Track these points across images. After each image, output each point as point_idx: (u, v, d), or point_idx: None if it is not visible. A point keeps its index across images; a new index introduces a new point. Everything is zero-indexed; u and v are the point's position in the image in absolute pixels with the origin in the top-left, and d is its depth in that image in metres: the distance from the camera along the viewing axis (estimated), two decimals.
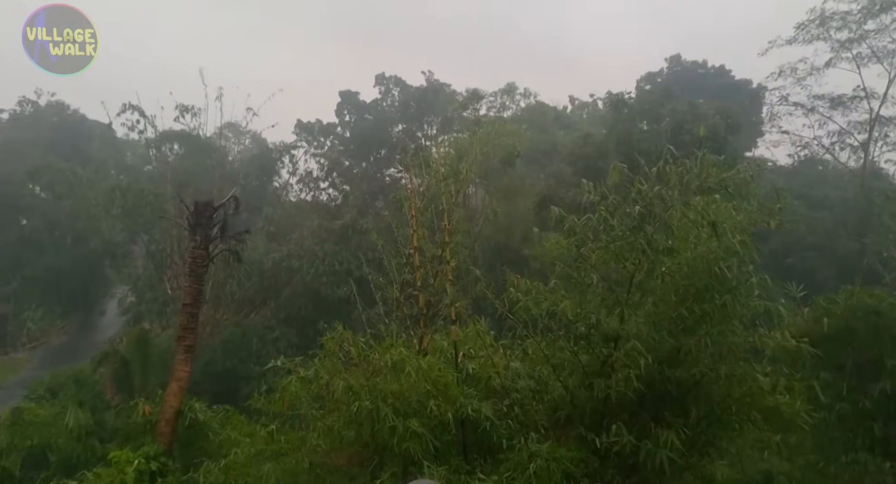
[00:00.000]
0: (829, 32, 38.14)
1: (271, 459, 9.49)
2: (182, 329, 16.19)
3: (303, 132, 50.91)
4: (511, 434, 7.83)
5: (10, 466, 15.74)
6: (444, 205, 12.42)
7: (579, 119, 60.72)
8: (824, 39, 38.47)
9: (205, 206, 16.67)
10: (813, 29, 38.33)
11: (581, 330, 7.41)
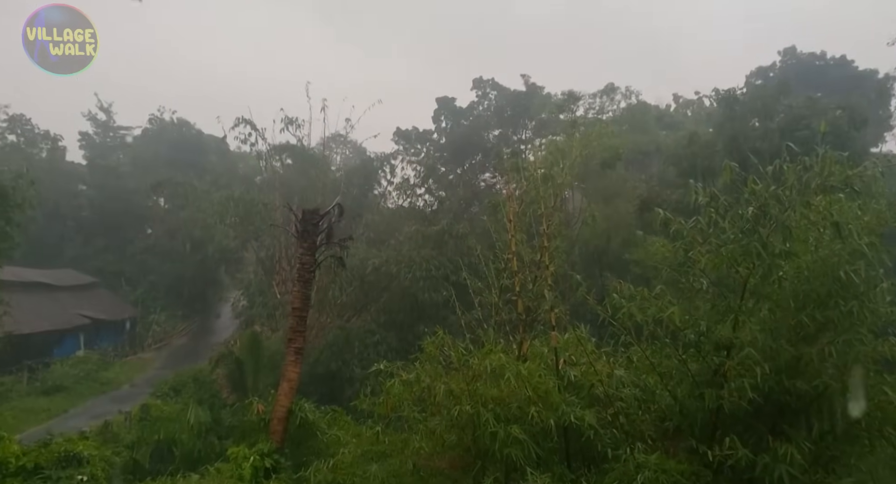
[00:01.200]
0: None
1: (377, 459, 9.78)
2: (292, 332, 17.02)
3: (401, 140, 52.18)
4: (616, 444, 7.63)
5: (141, 458, 17.00)
6: (542, 209, 12.32)
7: (684, 118, 58.28)
8: None
9: (311, 215, 17.48)
10: None
11: (690, 337, 7.09)
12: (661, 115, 56.28)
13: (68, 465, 13.01)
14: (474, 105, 54.15)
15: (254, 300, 37.53)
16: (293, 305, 17.43)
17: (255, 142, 39.73)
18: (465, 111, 53.98)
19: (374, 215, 40.44)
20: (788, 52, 53.41)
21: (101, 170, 56.32)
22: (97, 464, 13.49)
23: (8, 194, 17.52)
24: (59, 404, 31.70)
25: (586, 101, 49.21)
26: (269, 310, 35.25)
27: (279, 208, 33.31)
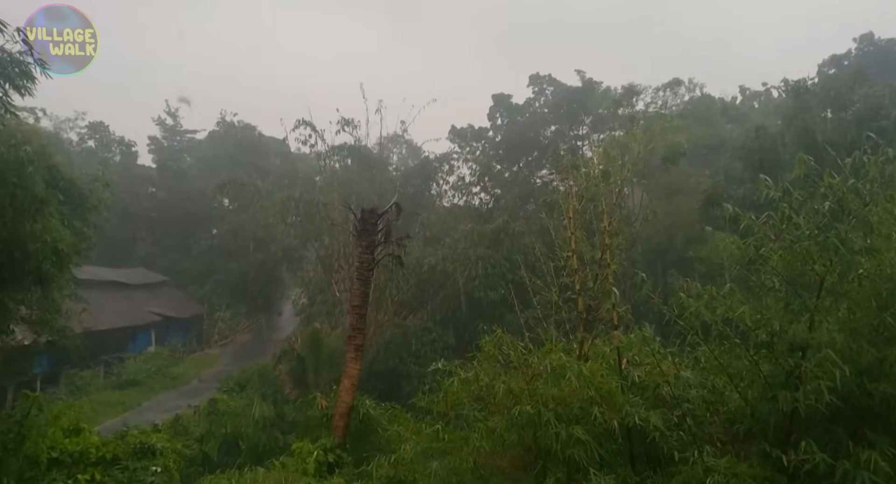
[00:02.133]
0: None
1: (436, 456, 9.84)
2: (352, 329, 17.35)
3: (456, 138, 52.27)
4: (683, 446, 7.43)
5: (209, 451, 17.65)
6: (602, 206, 12.11)
7: (750, 110, 56.06)
8: None
9: (370, 214, 17.75)
10: None
11: (762, 338, 6.80)
12: (726, 108, 54.32)
13: (143, 456, 13.65)
14: (530, 101, 53.70)
15: (313, 298, 38.36)
16: (352, 303, 17.75)
17: (314, 143, 40.63)
18: (522, 108, 53.59)
19: (430, 214, 40.66)
20: (865, 39, 50.74)
21: (169, 172, 58.93)
22: (169, 456, 14.10)
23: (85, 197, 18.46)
24: (133, 398, 33.36)
25: (648, 95, 48.06)
26: (328, 307, 35.95)
27: (338, 208, 33.94)
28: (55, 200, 14.57)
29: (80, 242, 17.32)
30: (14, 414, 13.74)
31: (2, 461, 12.22)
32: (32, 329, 18.43)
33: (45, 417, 13.45)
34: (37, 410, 13.43)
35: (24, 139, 13.62)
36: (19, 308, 16.40)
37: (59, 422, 13.33)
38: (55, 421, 13.36)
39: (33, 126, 24.22)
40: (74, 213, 17.52)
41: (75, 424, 13.48)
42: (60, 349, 21.19)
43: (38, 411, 13.45)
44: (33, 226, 13.30)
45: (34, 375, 29.53)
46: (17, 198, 12.75)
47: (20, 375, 24.12)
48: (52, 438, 12.84)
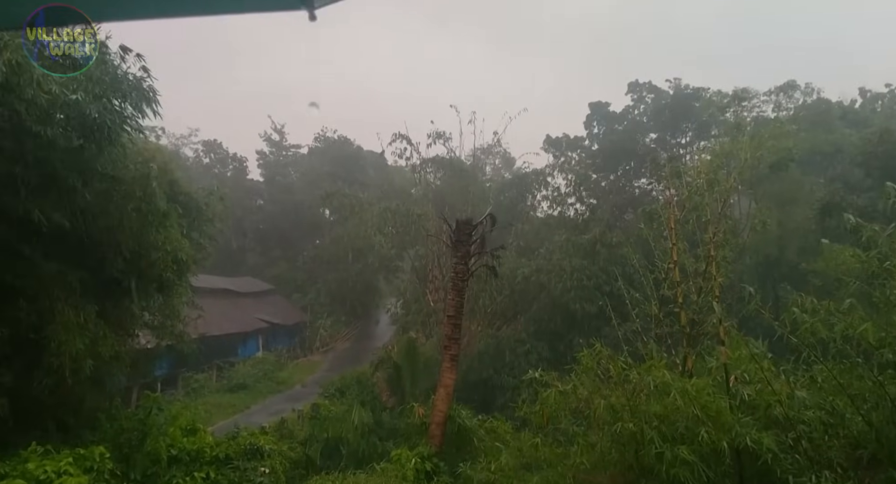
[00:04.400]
0: None
1: (535, 469, 9.81)
2: (447, 339, 17.56)
3: (551, 148, 51.85)
4: (799, 471, 7.03)
5: (312, 454, 18.27)
6: (707, 216, 11.66)
7: (871, 114, 51.83)
8: None
9: (465, 224, 17.97)
10: None
11: (888, 357, 6.35)
12: (844, 113, 50.51)
13: (252, 457, 14.38)
14: (629, 109, 52.35)
15: (409, 307, 39.12)
16: (447, 313, 17.98)
17: (409, 156, 41.63)
18: (620, 116, 52.34)
19: (524, 225, 40.51)
20: None
21: (275, 186, 62.35)
22: (276, 457, 14.78)
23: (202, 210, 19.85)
24: (242, 401, 35.17)
25: (760, 99, 45.59)
26: (422, 317, 36.54)
27: (432, 219, 34.55)
28: (175, 213, 15.78)
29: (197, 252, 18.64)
30: (138, 413, 14.84)
31: (128, 457, 13.11)
32: (154, 334, 19.97)
33: (164, 417, 14.39)
34: (157, 410, 14.41)
35: (149, 157, 14.96)
36: (143, 314, 17.86)
37: (178, 422, 14.17)
38: (174, 421, 14.22)
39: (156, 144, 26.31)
40: (192, 225, 18.86)
41: (192, 424, 14.31)
42: (178, 353, 22.62)
43: (158, 411, 14.42)
44: (156, 236, 14.47)
45: (155, 378, 31.49)
46: (143, 211, 13.88)
47: (143, 376, 26.00)
48: (171, 436, 13.63)
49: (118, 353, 14.46)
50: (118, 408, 15.81)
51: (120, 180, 13.53)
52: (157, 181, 14.05)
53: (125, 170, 13.74)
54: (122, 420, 14.35)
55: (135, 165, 14.05)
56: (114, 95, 12.69)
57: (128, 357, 15.78)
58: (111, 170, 13.30)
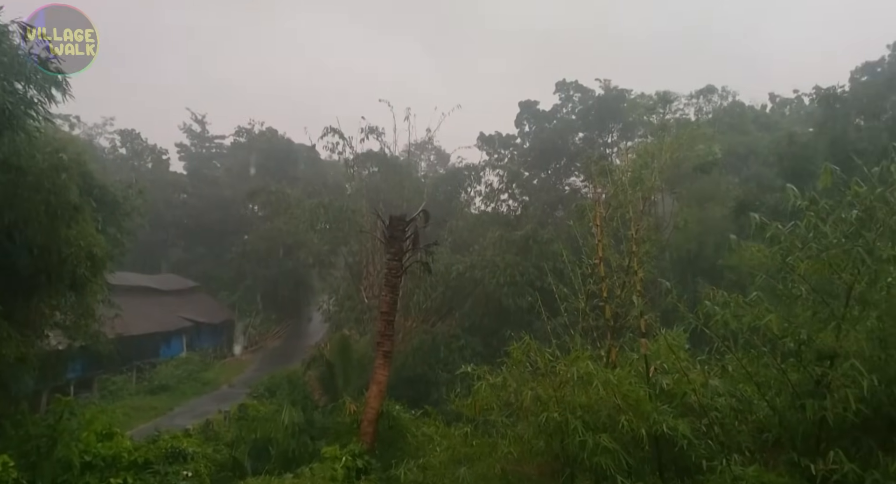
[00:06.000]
0: None
1: (465, 462, 9.92)
2: (380, 336, 17.53)
3: (484, 145, 52.43)
4: (711, 455, 7.41)
5: (240, 456, 17.81)
6: (630, 213, 12.11)
7: (781, 118, 55.34)
8: None
9: (398, 221, 17.95)
10: None
11: (790, 346, 6.79)
12: (757, 116, 53.67)
13: (175, 461, 13.90)
14: (557, 108, 53.61)
15: (342, 305, 38.73)
16: (381, 310, 17.94)
17: (342, 151, 41.15)
18: (549, 115, 53.51)
19: (458, 221, 40.81)
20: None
21: (200, 179, 60.13)
22: (200, 460, 14.34)
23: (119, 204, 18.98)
24: (164, 403, 33.97)
25: (681, 102, 47.76)
26: (356, 314, 36.24)
27: (367, 215, 34.30)
28: (89, 207, 15.03)
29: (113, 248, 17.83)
30: (47, 418, 14.10)
31: (36, 465, 12.49)
32: (66, 334, 18.95)
33: (77, 422, 13.73)
34: (69, 415, 13.73)
35: (59, 147, 14.10)
36: (54, 313, 16.92)
37: (92, 426, 13.56)
38: (88, 425, 13.60)
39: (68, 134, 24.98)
40: (108, 220, 18.03)
41: (108, 429, 13.74)
42: (94, 354, 21.66)
43: (70, 416, 13.75)
44: (68, 232, 13.71)
45: (68, 380, 30.07)
46: (52, 204, 13.11)
47: (54, 379, 24.66)
48: (84, 442, 13.07)
49: (24, 354, 13.67)
50: (25, 413, 14.91)
51: (26, 171, 12.69)
52: (69, 173, 13.31)
53: (32, 160, 12.88)
54: (30, 426, 13.62)
55: (43, 155, 13.20)
56: (14, 78, 11.81)
57: (36, 359, 14.93)
58: (15, 160, 12.44)
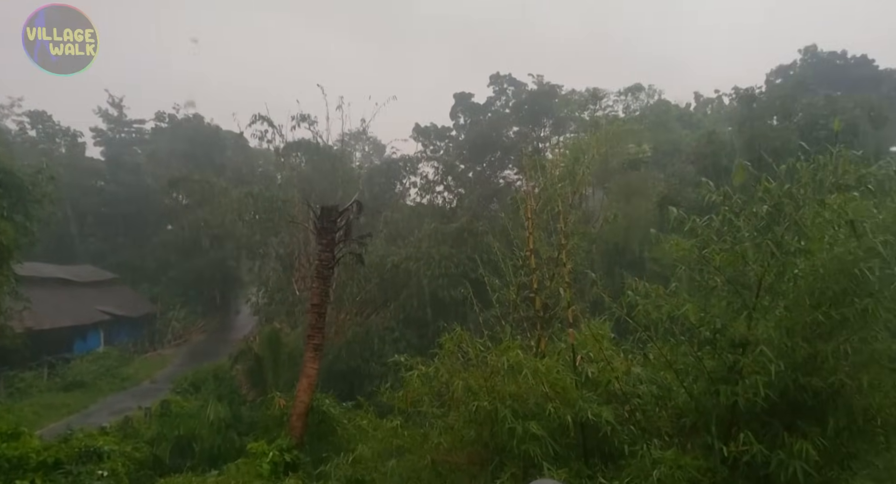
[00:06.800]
0: None
1: (396, 455, 9.94)
2: (311, 329, 17.27)
3: (420, 136, 52.33)
4: (633, 440, 7.70)
5: (161, 453, 17.31)
6: (560, 207, 12.39)
7: (703, 117, 57.97)
8: None
9: (330, 211, 17.72)
10: None
11: (705, 335, 7.15)
12: (681, 114, 56.02)
13: (88, 460, 13.32)
14: (491, 101, 54.15)
15: (273, 297, 37.93)
16: (312, 302, 17.68)
17: (271, 139, 40.20)
18: (483, 107, 54.00)
19: (393, 212, 40.65)
20: (809, 51, 52.89)
21: (119, 166, 57.11)
22: (117, 459, 13.79)
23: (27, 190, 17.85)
24: (78, 400, 32.30)
25: (610, 99, 49.22)
26: (287, 307, 35.60)
27: (298, 205, 33.64)
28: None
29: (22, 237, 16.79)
30: None
31: None
32: None
33: None
34: None
35: None
36: None
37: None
38: None
39: None
40: (15, 207, 16.97)
41: (14, 428, 13.13)
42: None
43: None
44: None
45: None
46: None
47: None
48: None
49: None
50: None
51: None
52: None
53: None
54: None
55: None
56: None
57: None
58: None
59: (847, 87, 40.64)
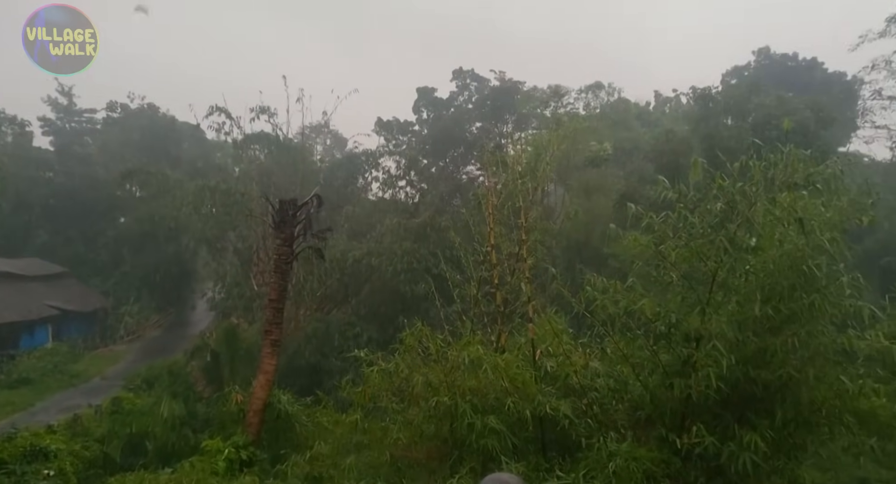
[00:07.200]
0: None
1: (354, 451, 9.87)
2: (268, 324, 17.01)
3: (382, 130, 51.92)
4: (590, 433, 7.82)
5: (112, 452, 16.82)
6: (521, 203, 12.47)
7: (662, 115, 59.10)
8: None
9: (288, 205, 17.43)
10: None
11: (661, 329, 7.30)
12: (640, 113, 56.99)
13: (34, 459, 12.89)
14: (454, 96, 54.06)
15: (231, 292, 37.17)
16: (270, 297, 17.42)
17: (229, 131, 39.38)
18: (446, 102, 53.84)
19: (355, 207, 40.25)
20: (762, 53, 54.39)
21: (69, 156, 54.92)
22: (65, 458, 13.38)
23: None
24: (24, 398, 31.20)
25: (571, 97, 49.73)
26: (245, 302, 34.94)
27: (257, 199, 33.07)
28: None
29: None
30: None
31: None
32: None
33: None
34: None
35: None
36: None
37: None
38: None
39: None
40: None
41: None
42: None
43: None
44: None
45: None
46: None
47: None
48: None
49: None
50: None
51: None
52: None
53: None
54: None
55: None
56: None
57: None
58: None
59: (798, 89, 41.96)
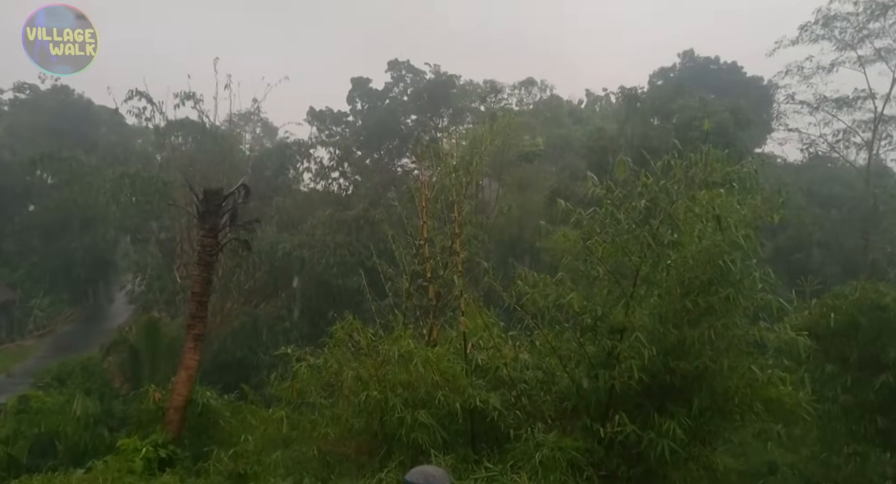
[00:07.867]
0: (834, 33, 38.08)
1: (281, 446, 9.66)
2: (191, 318, 16.35)
3: (315, 120, 50.89)
4: (519, 424, 7.93)
5: (17, 453, 15.83)
6: (455, 197, 12.50)
7: (592, 113, 60.65)
8: (829, 39, 38.44)
9: (214, 195, 16.77)
10: (818, 29, 38.32)
11: (587, 322, 7.50)
12: (572, 110, 58.29)
13: None
14: (389, 87, 53.56)
15: (152, 285, 35.58)
16: (193, 290, 16.73)
17: (150, 117, 37.67)
18: (381, 94, 53.26)
19: (285, 198, 39.33)
20: (687, 55, 56.62)
21: None
22: None
23: None
24: None
25: (505, 92, 50.20)
26: (168, 295, 33.57)
27: (181, 188, 31.77)
28: None
29: None
30: None
31: None
32: None
33: None
34: None
35: None
36: None
37: None
38: None
39: None
40: None
41: None
42: None
43: None
44: None
45: None
46: None
47: None
48: None
49: None
50: None
51: None
52: None
53: None
54: None
55: None
56: None
57: None
58: None
59: (719, 91, 43.96)
